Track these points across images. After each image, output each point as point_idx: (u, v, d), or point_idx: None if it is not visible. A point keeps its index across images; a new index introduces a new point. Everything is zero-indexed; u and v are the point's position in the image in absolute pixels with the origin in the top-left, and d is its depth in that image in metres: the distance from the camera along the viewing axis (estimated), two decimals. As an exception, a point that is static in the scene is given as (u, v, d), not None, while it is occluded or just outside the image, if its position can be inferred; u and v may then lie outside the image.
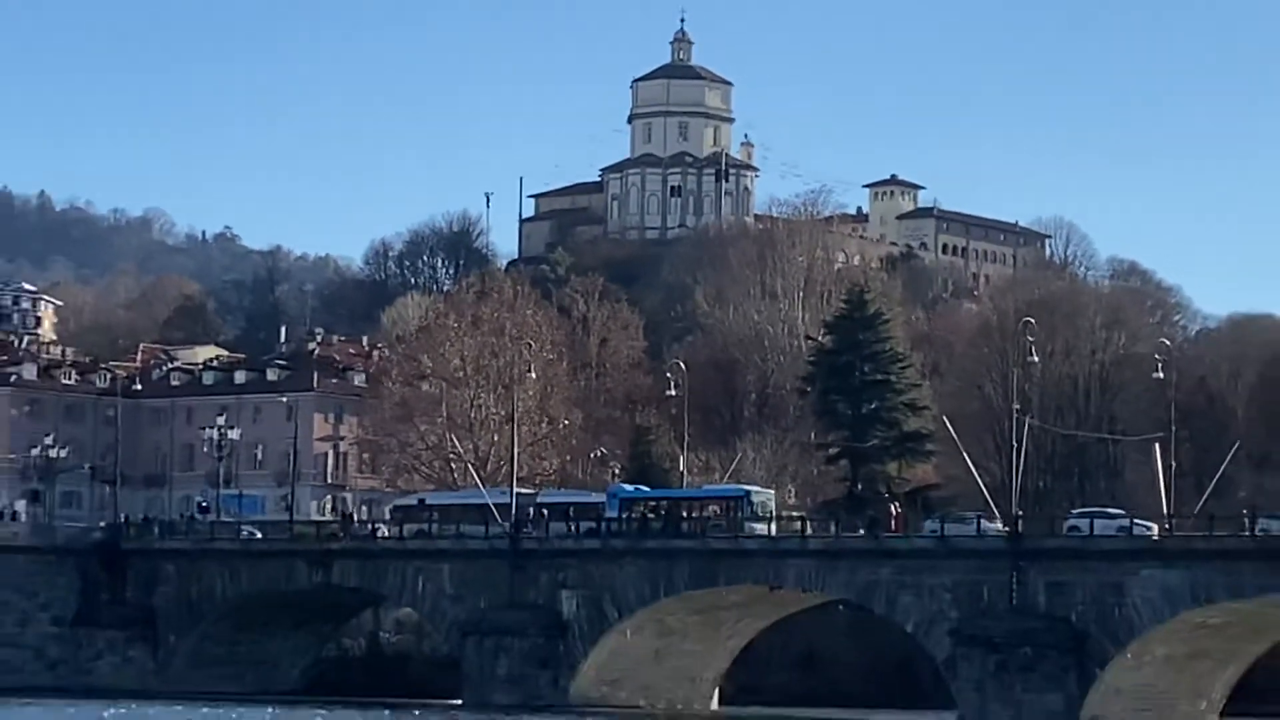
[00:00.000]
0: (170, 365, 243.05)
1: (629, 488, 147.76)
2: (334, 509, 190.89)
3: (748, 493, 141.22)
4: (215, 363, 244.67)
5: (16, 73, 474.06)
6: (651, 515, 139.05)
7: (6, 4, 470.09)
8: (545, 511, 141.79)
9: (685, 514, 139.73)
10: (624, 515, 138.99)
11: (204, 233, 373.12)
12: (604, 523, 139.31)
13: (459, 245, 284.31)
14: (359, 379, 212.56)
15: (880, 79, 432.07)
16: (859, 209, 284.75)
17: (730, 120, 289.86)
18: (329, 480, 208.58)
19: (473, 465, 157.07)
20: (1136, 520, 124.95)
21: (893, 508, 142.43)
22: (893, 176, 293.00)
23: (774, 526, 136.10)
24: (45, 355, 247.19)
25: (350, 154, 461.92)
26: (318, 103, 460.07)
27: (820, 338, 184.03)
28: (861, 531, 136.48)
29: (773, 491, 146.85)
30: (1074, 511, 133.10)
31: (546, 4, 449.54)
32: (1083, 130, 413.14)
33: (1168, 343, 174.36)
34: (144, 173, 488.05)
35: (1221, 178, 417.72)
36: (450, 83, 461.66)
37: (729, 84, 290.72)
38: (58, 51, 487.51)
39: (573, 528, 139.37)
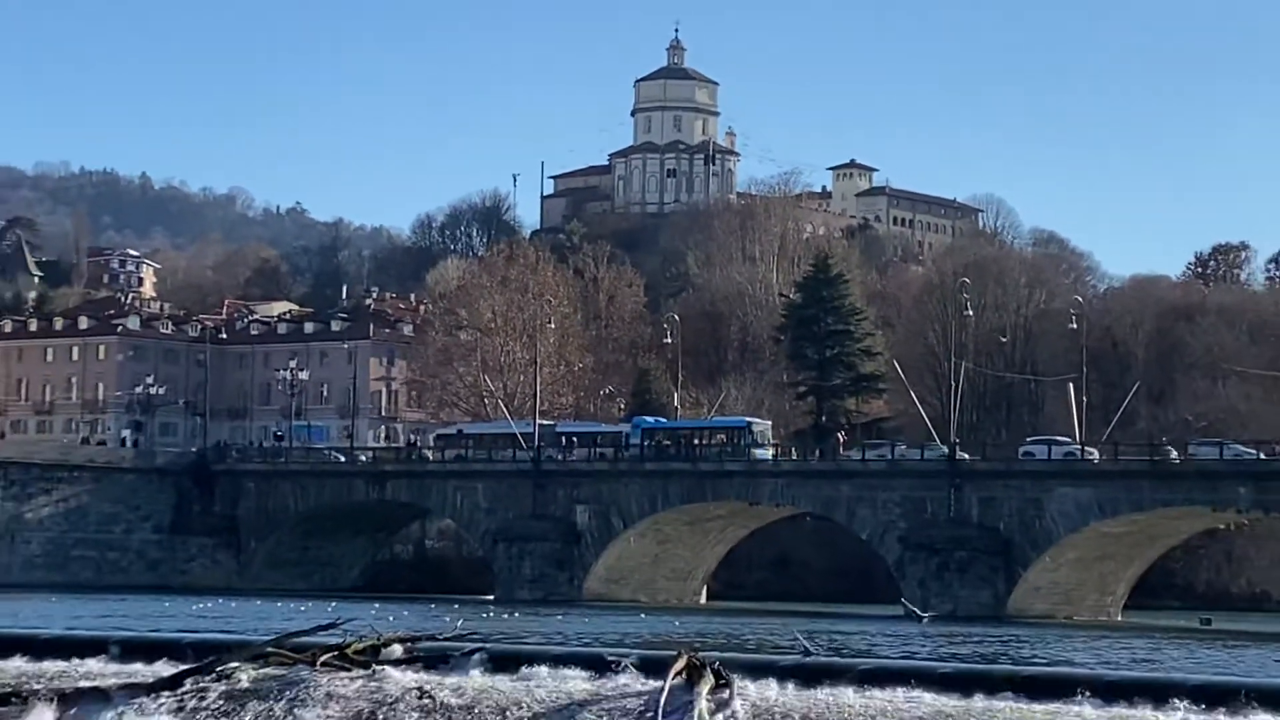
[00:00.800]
0: (250, 318, 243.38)
1: (650, 420, 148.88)
2: (387, 438, 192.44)
3: (749, 423, 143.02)
4: (287, 316, 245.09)
5: (120, 69, 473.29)
6: (668, 443, 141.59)
7: (113, 9, 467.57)
8: (575, 438, 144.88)
9: (696, 441, 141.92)
10: (645, 443, 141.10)
11: (278, 207, 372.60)
12: (627, 448, 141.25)
13: (491, 218, 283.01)
14: (407, 329, 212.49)
15: (842, 78, 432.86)
16: (823, 188, 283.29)
17: (716, 114, 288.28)
18: (382, 414, 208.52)
19: (502, 401, 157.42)
20: (1085, 447, 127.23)
21: (839, 435, 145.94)
22: (852, 161, 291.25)
23: (772, 452, 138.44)
24: (147, 309, 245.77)
25: (400, 140, 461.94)
26: (374, 98, 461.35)
27: (791, 295, 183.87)
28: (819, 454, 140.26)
29: (769, 422, 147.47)
30: (1028, 439, 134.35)
31: (566, 16, 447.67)
32: (1011, 118, 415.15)
33: (1080, 299, 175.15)
34: (229, 156, 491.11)
35: (1127, 157, 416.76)
36: (484, 82, 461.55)
37: (715, 83, 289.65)
38: (155, 50, 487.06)
39: (588, 453, 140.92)
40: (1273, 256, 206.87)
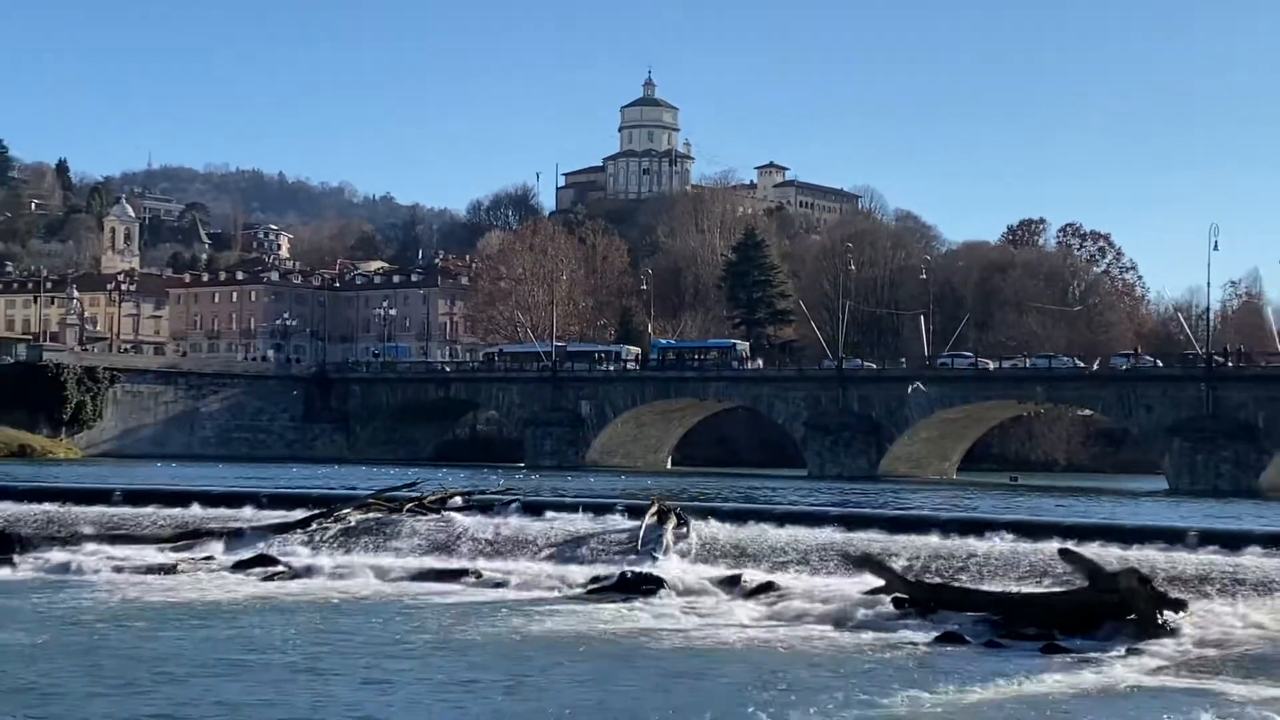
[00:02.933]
0: (354, 272, 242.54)
1: (664, 341, 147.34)
2: (450, 355, 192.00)
3: (734, 344, 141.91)
4: (380, 271, 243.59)
5: (261, 92, 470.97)
6: (674, 357, 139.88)
7: (246, 32, 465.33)
8: (580, 355, 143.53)
9: (696, 356, 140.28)
10: (659, 358, 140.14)
11: (374, 195, 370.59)
12: (618, 361, 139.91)
13: (522, 202, 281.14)
14: (464, 280, 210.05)
15: (764, 103, 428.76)
16: (751, 181, 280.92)
17: (677, 130, 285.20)
18: (446, 338, 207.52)
19: (529, 329, 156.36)
20: (981, 359, 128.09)
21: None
22: (770, 162, 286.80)
23: (750, 365, 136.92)
24: (283, 267, 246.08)
25: (459, 146, 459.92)
26: (438, 114, 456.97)
27: (729, 256, 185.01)
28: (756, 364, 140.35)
29: (748, 344, 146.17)
30: (944, 353, 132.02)
31: (576, 62, 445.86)
32: (881, 129, 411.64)
33: (928, 258, 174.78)
34: (340, 157, 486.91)
35: (961, 153, 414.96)
36: (517, 106, 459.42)
37: (676, 108, 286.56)
38: (282, 74, 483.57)
39: (588, 365, 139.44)
40: (1060, 227, 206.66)
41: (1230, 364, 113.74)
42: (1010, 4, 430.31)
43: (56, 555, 36.16)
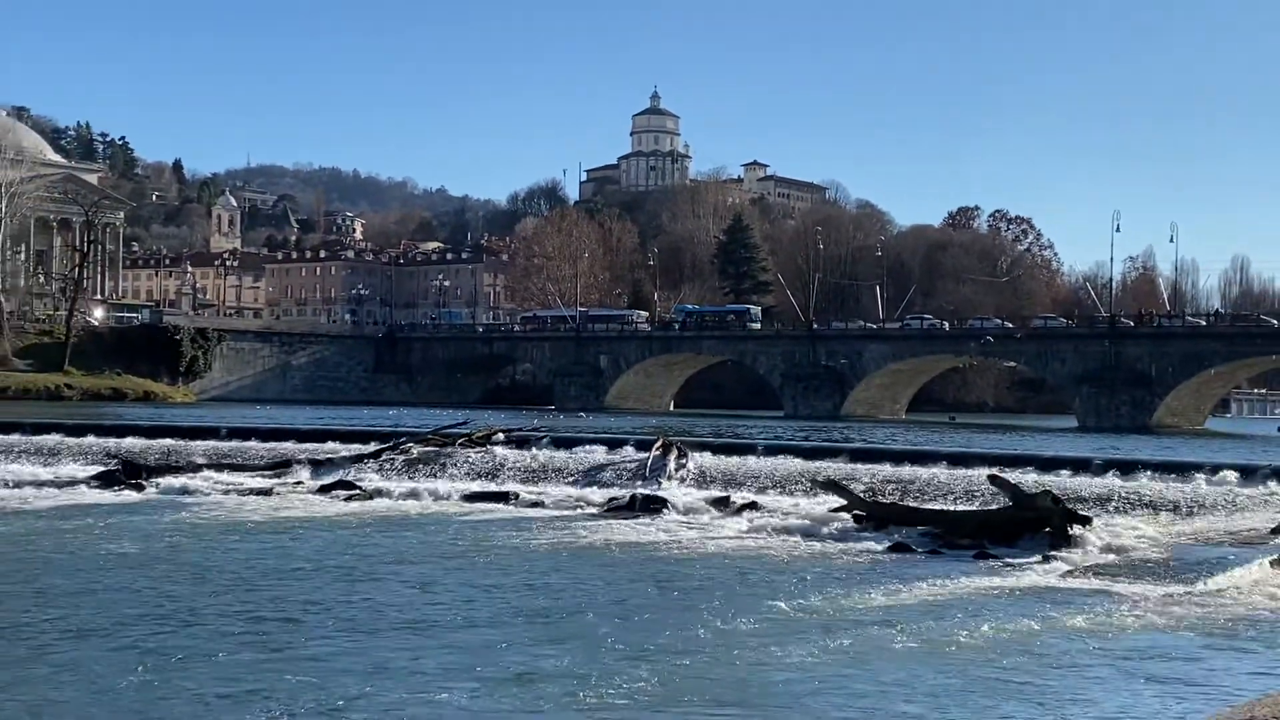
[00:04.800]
0: (415, 250, 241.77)
1: (690, 306, 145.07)
2: (493, 319, 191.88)
3: (748, 309, 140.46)
4: (436, 250, 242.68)
5: (336, 97, 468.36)
6: (696, 319, 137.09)
7: (326, 51, 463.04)
8: (599, 318, 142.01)
9: (716, 319, 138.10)
10: (684, 320, 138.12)
11: (430, 188, 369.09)
12: (630, 325, 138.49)
13: (551, 193, 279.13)
14: (504, 257, 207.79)
15: (749, 110, 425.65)
16: (739, 176, 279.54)
17: (679, 134, 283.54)
18: (490, 305, 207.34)
19: (558, 297, 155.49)
20: (932, 321, 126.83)
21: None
22: (754, 160, 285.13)
23: (760, 326, 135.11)
24: (357, 246, 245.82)
25: (500, 146, 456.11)
26: (482, 119, 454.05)
27: (721, 237, 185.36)
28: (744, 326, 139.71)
29: (760, 308, 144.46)
30: (907, 316, 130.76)
31: (598, 78, 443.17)
32: (845, 131, 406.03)
33: (882, 239, 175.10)
34: (403, 154, 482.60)
35: (913, 148, 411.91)
36: (548, 114, 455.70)
37: (678, 116, 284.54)
38: (354, 82, 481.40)
39: (606, 326, 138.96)
40: (991, 212, 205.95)
41: (1130, 324, 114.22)
42: (953, 24, 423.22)
43: (175, 480, 36.32)
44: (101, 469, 37.05)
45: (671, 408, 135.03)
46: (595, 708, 13.24)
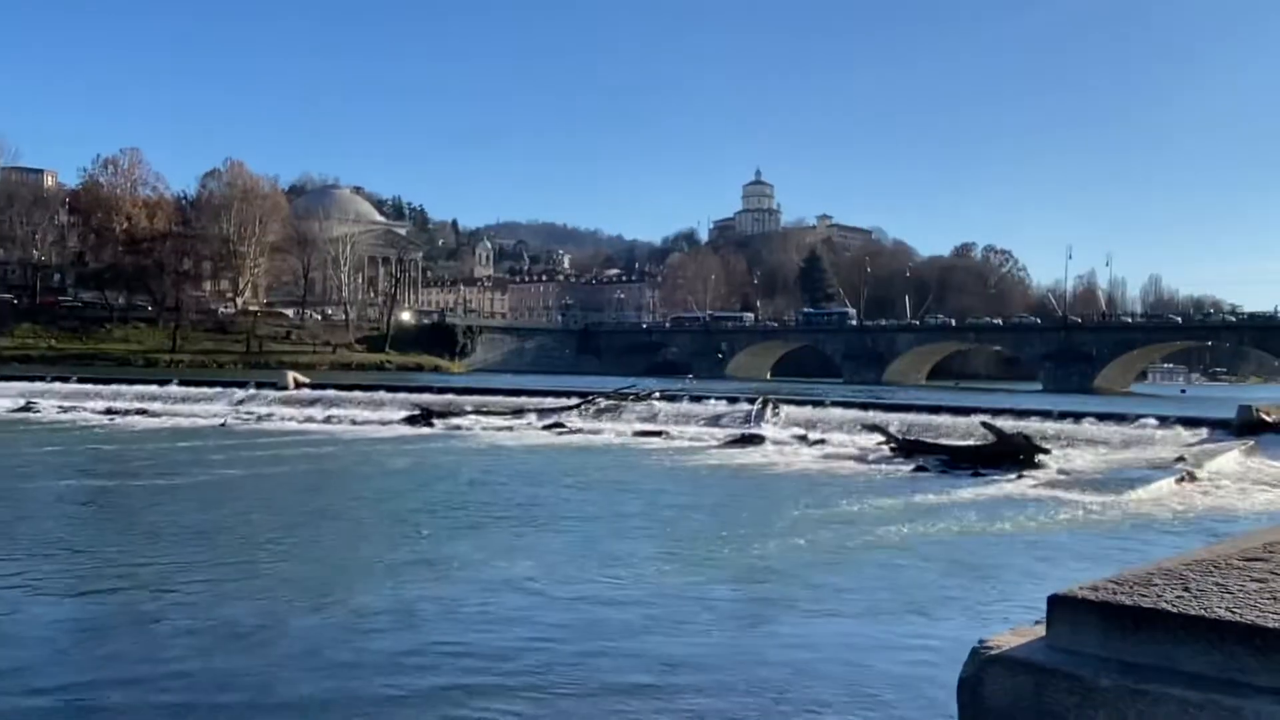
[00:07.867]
0: (602, 275, 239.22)
1: (808, 310, 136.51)
2: (653, 319, 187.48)
3: (848, 311, 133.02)
4: (615, 274, 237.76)
5: (553, 166, 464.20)
6: (812, 318, 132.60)
7: (545, 125, 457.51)
8: (723, 319, 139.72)
9: (825, 318, 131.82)
10: (803, 318, 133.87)
11: (612, 234, 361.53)
12: (742, 323, 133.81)
13: (690, 237, 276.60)
14: (659, 279, 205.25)
15: (822, 180, 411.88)
16: (814, 224, 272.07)
17: (773, 197, 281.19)
18: (650, 310, 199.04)
19: (696, 305, 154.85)
20: (945, 320, 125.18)
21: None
22: (824, 214, 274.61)
23: (855, 323, 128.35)
24: (565, 273, 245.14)
25: (657, 207, 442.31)
26: (649, 186, 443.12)
27: (802, 264, 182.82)
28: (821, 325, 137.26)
29: (854, 309, 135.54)
30: (926, 316, 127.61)
31: (723, 155, 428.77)
32: (894, 188, 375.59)
33: (910, 264, 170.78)
34: (594, 211, 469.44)
35: (934, 197, 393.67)
36: (690, 182, 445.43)
37: (773, 185, 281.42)
38: (561, 154, 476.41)
39: (727, 324, 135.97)
40: (984, 246, 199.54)
41: (1079, 321, 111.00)
42: (954, 109, 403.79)
43: (452, 421, 37.23)
44: (408, 413, 38.19)
45: (769, 377, 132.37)
46: (681, 561, 13.22)
